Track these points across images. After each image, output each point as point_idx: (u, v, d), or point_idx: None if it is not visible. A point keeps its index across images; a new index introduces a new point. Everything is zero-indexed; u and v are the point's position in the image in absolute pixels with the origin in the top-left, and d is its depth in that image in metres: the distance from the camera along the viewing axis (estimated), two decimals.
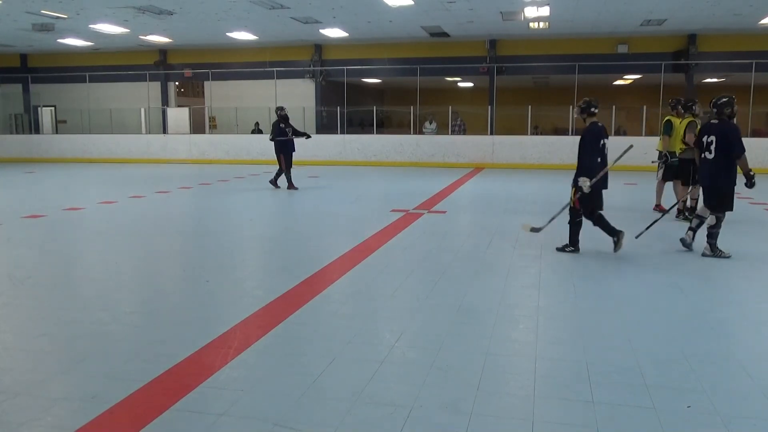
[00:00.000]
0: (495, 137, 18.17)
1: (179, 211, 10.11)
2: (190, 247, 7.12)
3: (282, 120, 11.94)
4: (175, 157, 19.67)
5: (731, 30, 17.01)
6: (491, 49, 19.00)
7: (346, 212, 9.45)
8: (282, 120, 11.94)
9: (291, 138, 11.96)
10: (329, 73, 20.59)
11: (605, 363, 3.48)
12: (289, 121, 12.07)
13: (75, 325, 4.15)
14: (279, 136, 11.87)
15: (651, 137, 17.03)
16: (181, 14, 15.28)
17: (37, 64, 22.68)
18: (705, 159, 6.08)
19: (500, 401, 3.05)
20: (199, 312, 4.49)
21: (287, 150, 11.98)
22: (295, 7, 14.53)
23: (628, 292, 4.98)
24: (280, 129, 11.88)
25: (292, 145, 12.07)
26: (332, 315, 4.42)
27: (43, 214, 8.89)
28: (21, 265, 5.97)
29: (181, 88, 24.25)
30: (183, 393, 3.08)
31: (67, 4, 14.12)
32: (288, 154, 11.99)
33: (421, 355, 3.64)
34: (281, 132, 11.88)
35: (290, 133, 11.96)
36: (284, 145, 11.93)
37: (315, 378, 3.26)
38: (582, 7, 14.33)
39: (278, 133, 11.89)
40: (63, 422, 2.81)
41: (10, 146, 21.05)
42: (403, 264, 5.99)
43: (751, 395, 3.10)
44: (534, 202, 10.42)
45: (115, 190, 12.09)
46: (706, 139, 6.05)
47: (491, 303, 4.65)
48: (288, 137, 11.92)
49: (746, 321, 4.36)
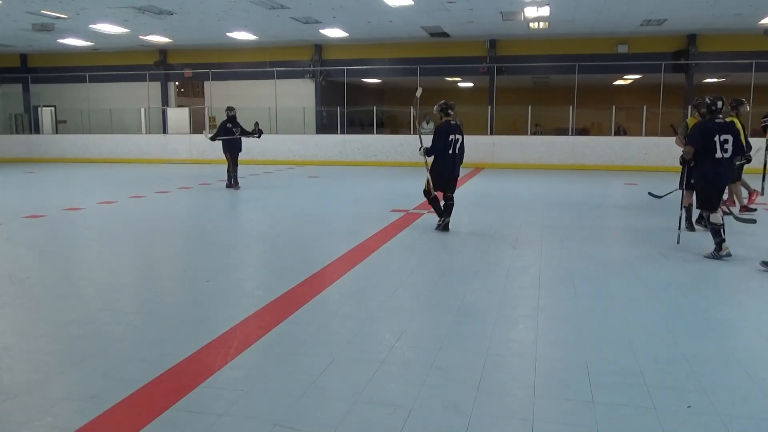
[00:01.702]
0: (495, 137, 18.17)
1: (179, 211, 10.11)
2: (190, 247, 7.12)
3: (230, 120, 12.26)
4: (175, 157, 19.67)
5: (731, 30, 17.00)
6: (491, 49, 19.00)
7: (346, 212, 9.45)
8: (230, 120, 12.26)
9: (238, 137, 12.27)
10: (329, 73, 20.59)
11: (605, 363, 3.48)
12: (237, 121, 12.41)
13: (75, 325, 4.15)
14: (224, 136, 12.18)
15: (651, 137, 17.08)
16: (181, 14, 15.27)
17: (37, 64, 22.67)
18: (721, 159, 6.06)
19: (500, 401, 3.05)
20: (199, 312, 4.49)
21: (233, 149, 12.28)
22: (295, 7, 14.53)
23: (628, 292, 4.98)
24: (226, 129, 12.19)
25: (239, 145, 12.37)
26: (332, 315, 4.42)
27: (43, 214, 8.89)
28: (21, 265, 5.97)
29: (181, 88, 24.24)
30: (183, 393, 3.07)
31: (67, 4, 14.12)
32: (234, 153, 12.29)
33: (421, 355, 3.63)
34: (227, 131, 12.19)
35: (238, 132, 12.25)
36: (230, 145, 12.25)
37: (315, 378, 3.26)
38: (582, 7, 14.32)
39: (223, 132, 12.21)
40: (63, 422, 2.81)
41: (10, 146, 21.05)
42: (403, 264, 5.99)
43: (751, 395, 3.10)
44: (534, 202, 10.42)
45: (115, 190, 12.08)
46: (719, 138, 6.04)
47: (491, 303, 4.65)
48: (234, 137, 12.22)
49: (746, 321, 4.36)
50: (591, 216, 9.05)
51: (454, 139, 7.37)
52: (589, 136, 19.95)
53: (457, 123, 7.55)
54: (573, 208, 9.72)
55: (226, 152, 12.25)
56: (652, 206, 9.15)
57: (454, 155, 7.45)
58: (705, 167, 6.14)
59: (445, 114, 7.48)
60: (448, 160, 7.45)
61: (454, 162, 7.50)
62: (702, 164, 6.17)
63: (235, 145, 12.26)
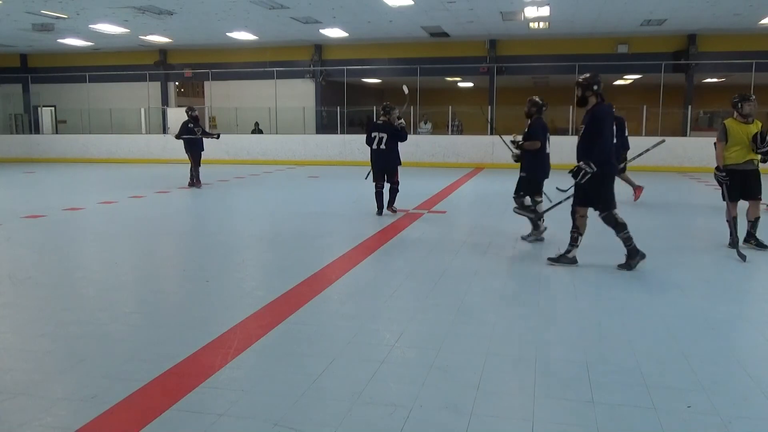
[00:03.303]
0: (495, 137, 18.14)
1: (179, 211, 10.11)
2: (190, 247, 7.12)
3: (191, 120, 12.53)
4: (175, 157, 19.63)
5: (731, 30, 17.00)
6: (491, 49, 19.00)
7: (346, 212, 9.44)
8: (191, 120, 12.53)
9: (199, 137, 12.55)
10: (329, 73, 20.59)
11: (605, 363, 3.48)
12: (198, 122, 12.73)
13: (75, 325, 4.15)
14: (186, 135, 12.44)
15: (650, 137, 17.06)
16: (181, 14, 15.28)
17: (37, 64, 22.68)
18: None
19: (500, 401, 3.05)
20: (199, 312, 4.49)
21: (195, 149, 12.55)
22: (295, 7, 14.53)
23: (628, 292, 4.98)
24: (188, 129, 12.46)
25: (201, 144, 12.66)
26: (332, 315, 4.42)
27: (43, 214, 8.89)
28: (21, 265, 5.97)
29: (181, 88, 24.24)
30: (183, 393, 3.07)
31: (67, 4, 14.12)
32: (196, 152, 12.57)
33: (421, 355, 3.64)
34: (188, 131, 12.44)
35: (199, 132, 12.52)
36: (191, 144, 12.47)
37: (315, 378, 3.26)
38: (582, 7, 14.33)
39: (185, 132, 12.47)
40: (63, 422, 2.80)
41: (10, 146, 21.04)
42: (403, 264, 5.99)
43: (751, 395, 3.10)
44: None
45: (115, 190, 12.08)
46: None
47: (491, 303, 4.65)
48: (196, 136, 12.48)
49: (746, 321, 4.36)
50: (590, 216, 9.03)
51: (378, 136, 8.56)
52: None
53: (382, 122, 8.62)
54: None
55: (187, 152, 12.57)
56: (652, 206, 9.15)
57: (378, 150, 8.61)
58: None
59: (383, 113, 8.66)
60: (373, 154, 8.69)
61: (379, 155, 8.63)
62: None
63: (196, 145, 12.58)
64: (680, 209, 9.80)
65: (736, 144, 6.31)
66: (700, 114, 22.99)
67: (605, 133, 5.31)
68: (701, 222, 8.61)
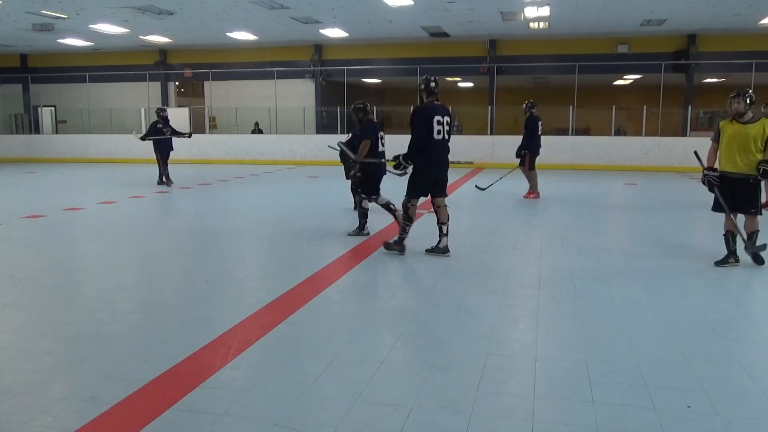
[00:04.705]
0: (495, 137, 18.17)
1: (179, 211, 10.11)
2: (190, 247, 7.11)
3: (161, 120, 12.75)
4: (175, 157, 19.61)
5: (731, 30, 17.00)
6: (491, 49, 18.99)
7: (346, 212, 9.44)
8: (161, 120, 12.75)
9: (169, 137, 12.75)
10: (329, 73, 20.59)
11: (605, 363, 3.48)
12: (168, 122, 12.95)
13: (75, 325, 4.15)
14: (154, 135, 12.64)
15: (651, 137, 17.07)
16: (181, 14, 15.27)
17: (37, 64, 22.67)
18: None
19: (500, 401, 3.05)
20: (199, 312, 4.49)
21: (164, 148, 12.75)
22: (295, 7, 14.53)
23: (628, 292, 4.97)
24: (157, 129, 12.69)
25: (170, 144, 12.86)
26: (332, 315, 4.42)
27: (43, 214, 8.89)
28: (21, 265, 5.97)
29: (181, 88, 24.24)
30: (183, 393, 3.07)
31: (67, 4, 14.12)
32: (164, 152, 12.76)
33: (421, 355, 3.64)
34: (157, 131, 12.66)
35: (168, 132, 12.73)
36: (160, 144, 12.66)
37: (315, 378, 3.26)
38: (582, 7, 14.32)
39: (153, 132, 12.69)
40: (63, 422, 2.81)
41: (10, 146, 21.04)
42: (404, 264, 5.99)
43: (751, 395, 3.10)
44: (534, 202, 10.41)
45: (115, 190, 12.08)
46: None
47: (491, 303, 4.65)
48: (165, 137, 12.68)
49: (746, 321, 4.36)
50: (591, 216, 9.06)
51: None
52: (589, 136, 19.95)
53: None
54: (573, 207, 9.72)
55: (156, 152, 12.70)
56: (652, 206, 9.15)
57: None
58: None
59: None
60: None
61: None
62: None
63: (166, 145, 12.74)
64: (680, 209, 9.79)
65: (727, 147, 5.63)
66: (700, 114, 22.99)
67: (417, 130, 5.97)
68: (701, 222, 8.61)
